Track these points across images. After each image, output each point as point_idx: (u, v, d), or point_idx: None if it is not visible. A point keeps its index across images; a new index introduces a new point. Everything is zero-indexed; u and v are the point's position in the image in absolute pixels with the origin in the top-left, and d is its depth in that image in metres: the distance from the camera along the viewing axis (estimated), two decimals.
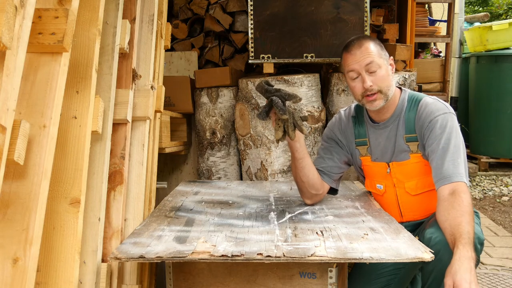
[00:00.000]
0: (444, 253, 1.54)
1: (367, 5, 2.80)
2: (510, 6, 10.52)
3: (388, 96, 1.83)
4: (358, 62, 1.79)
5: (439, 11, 5.15)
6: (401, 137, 1.85)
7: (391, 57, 1.88)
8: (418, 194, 1.87)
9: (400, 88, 1.93)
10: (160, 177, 2.88)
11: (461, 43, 5.64)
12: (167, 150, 2.76)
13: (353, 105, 2.06)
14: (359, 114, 2.00)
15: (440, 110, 1.78)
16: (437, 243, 1.54)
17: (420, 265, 1.92)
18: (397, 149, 1.87)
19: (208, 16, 3.42)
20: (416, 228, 1.89)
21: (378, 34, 3.29)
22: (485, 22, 6.42)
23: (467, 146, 5.69)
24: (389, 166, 1.89)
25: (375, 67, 1.78)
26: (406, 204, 1.90)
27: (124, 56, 1.88)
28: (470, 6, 11.09)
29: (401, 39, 3.37)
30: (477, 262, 1.63)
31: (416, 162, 1.84)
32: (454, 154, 1.69)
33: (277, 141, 1.79)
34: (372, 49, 1.79)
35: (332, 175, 2.01)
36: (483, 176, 5.23)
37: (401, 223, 1.88)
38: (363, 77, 1.79)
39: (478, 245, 1.61)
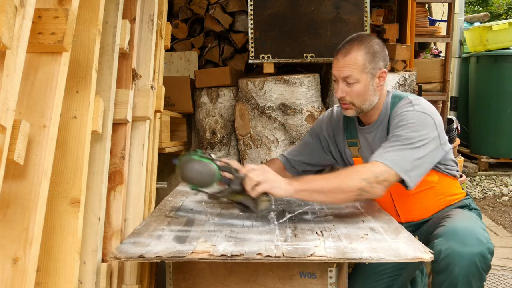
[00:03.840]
0: (454, 265, 1.53)
1: (367, 5, 2.80)
2: (510, 6, 10.52)
3: (363, 109, 1.81)
4: (338, 70, 1.77)
5: (439, 11, 5.15)
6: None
7: (383, 70, 1.79)
8: (412, 193, 1.84)
9: (389, 90, 1.92)
10: (160, 177, 2.88)
11: (461, 43, 5.64)
12: (167, 150, 2.76)
13: None
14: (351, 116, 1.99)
15: (404, 109, 1.74)
16: (448, 256, 1.52)
17: (420, 265, 1.92)
18: None
19: (208, 16, 3.42)
20: (416, 228, 1.89)
21: (378, 34, 3.29)
22: (485, 22, 6.42)
23: (467, 146, 5.70)
24: None
25: (352, 80, 1.75)
26: (401, 204, 1.89)
27: (124, 56, 1.88)
28: (470, 6, 11.09)
29: (401, 39, 3.37)
30: (489, 270, 1.60)
31: None
32: (398, 143, 1.66)
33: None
34: (357, 61, 1.74)
35: (297, 170, 2.08)
36: (483, 176, 5.23)
37: (400, 223, 1.88)
38: (338, 86, 1.79)
39: (489, 255, 1.57)
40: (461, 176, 2.00)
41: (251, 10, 2.82)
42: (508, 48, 5.12)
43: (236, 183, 1.59)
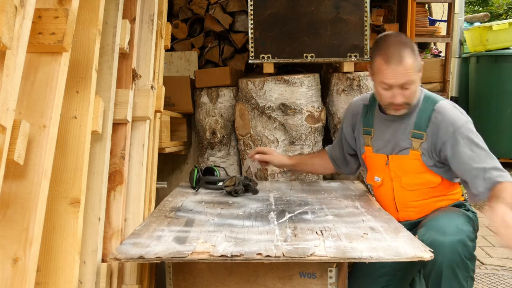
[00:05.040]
0: (437, 254, 1.53)
1: (367, 5, 2.80)
2: (510, 6, 10.53)
3: (412, 105, 1.84)
4: (395, 79, 1.75)
5: (439, 11, 5.14)
6: (408, 132, 1.86)
7: (422, 62, 1.83)
8: (414, 190, 1.87)
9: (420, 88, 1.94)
10: (160, 177, 2.88)
11: (461, 43, 5.63)
12: (167, 150, 2.76)
13: (369, 95, 2.08)
14: (372, 104, 2.03)
15: (461, 119, 1.79)
16: (429, 245, 1.52)
17: (420, 266, 1.92)
18: (400, 143, 1.88)
19: (208, 16, 3.42)
20: (413, 227, 1.89)
21: (378, 34, 3.28)
22: (485, 22, 6.42)
23: None
24: (388, 159, 1.91)
25: (410, 84, 1.76)
26: (401, 199, 1.91)
27: (124, 56, 1.88)
28: (470, 6, 11.10)
29: None
30: (474, 259, 1.65)
31: (414, 159, 1.85)
32: (490, 159, 1.74)
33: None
34: (412, 65, 1.75)
35: (341, 164, 2.23)
36: None
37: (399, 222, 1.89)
38: (394, 94, 1.78)
39: (470, 242, 1.62)
40: None
41: (251, 10, 2.82)
42: (508, 48, 5.11)
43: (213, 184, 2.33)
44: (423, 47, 5.06)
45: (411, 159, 1.85)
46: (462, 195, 1.95)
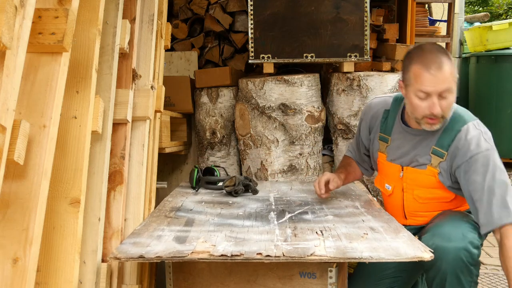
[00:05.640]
0: (441, 260, 1.54)
1: (367, 5, 2.80)
2: (510, 6, 10.53)
3: (447, 120, 1.75)
4: (435, 86, 1.65)
5: (439, 11, 5.14)
6: (429, 148, 1.80)
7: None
8: (425, 203, 1.84)
9: None
10: (160, 177, 2.88)
11: (461, 43, 5.63)
12: (167, 150, 2.76)
13: (391, 99, 1.98)
14: (393, 111, 1.94)
15: (481, 147, 1.71)
16: (434, 251, 1.49)
17: (423, 270, 1.92)
18: (418, 159, 1.82)
19: (208, 16, 3.42)
20: (418, 231, 1.89)
21: (378, 34, 3.29)
22: (485, 22, 6.42)
23: None
24: (402, 170, 1.86)
25: (448, 93, 1.67)
26: (410, 209, 1.89)
27: (124, 56, 1.88)
28: (470, 6, 11.09)
29: (401, 39, 3.37)
30: (478, 265, 1.63)
31: (430, 175, 1.80)
32: (502, 193, 1.65)
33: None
34: (451, 72, 1.66)
35: (366, 166, 2.16)
36: None
37: (404, 226, 1.88)
38: (433, 102, 1.67)
39: (474, 249, 1.59)
40: None
41: (251, 10, 2.82)
42: (508, 48, 5.11)
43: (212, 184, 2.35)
44: None
45: (427, 175, 1.80)
46: None
